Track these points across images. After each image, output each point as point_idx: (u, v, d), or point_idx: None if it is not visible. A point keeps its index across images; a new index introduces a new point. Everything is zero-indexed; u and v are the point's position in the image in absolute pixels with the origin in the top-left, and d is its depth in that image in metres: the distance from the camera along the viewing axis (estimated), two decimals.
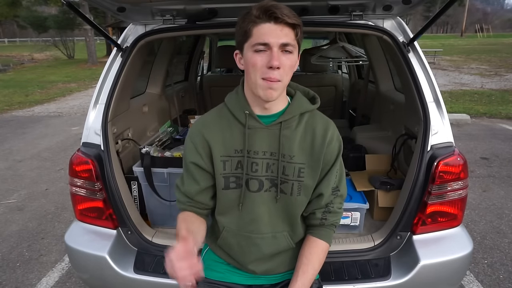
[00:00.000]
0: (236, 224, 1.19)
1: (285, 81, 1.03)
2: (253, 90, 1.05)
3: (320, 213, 1.19)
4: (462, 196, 1.52)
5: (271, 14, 0.97)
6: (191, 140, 1.16)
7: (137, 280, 1.52)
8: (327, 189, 1.16)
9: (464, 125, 6.20)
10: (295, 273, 1.16)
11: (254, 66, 1.01)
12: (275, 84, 1.01)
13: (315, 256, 1.17)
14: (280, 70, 1.00)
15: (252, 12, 0.99)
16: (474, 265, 2.47)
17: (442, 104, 1.57)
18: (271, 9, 0.96)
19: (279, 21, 0.97)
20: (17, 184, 4.05)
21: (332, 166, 1.16)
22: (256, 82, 1.02)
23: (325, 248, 1.20)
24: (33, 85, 12.07)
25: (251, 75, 1.03)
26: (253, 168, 1.13)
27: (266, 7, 0.97)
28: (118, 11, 1.56)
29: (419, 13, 61.89)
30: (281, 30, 0.98)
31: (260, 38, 0.98)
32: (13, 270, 2.53)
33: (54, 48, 22.52)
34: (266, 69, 0.99)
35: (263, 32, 0.98)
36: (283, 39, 0.98)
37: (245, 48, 1.03)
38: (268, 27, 0.98)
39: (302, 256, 1.18)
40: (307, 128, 1.14)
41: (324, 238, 1.20)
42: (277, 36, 0.98)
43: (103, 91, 1.70)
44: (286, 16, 0.97)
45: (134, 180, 1.90)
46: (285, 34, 0.98)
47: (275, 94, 1.03)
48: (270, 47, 0.98)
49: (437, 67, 14.11)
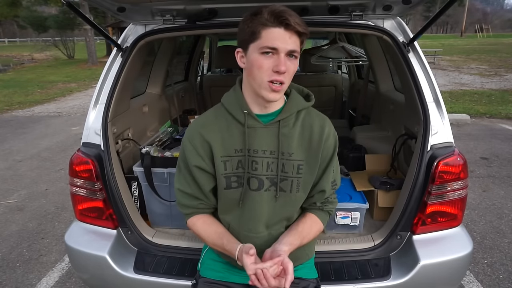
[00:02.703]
0: (237, 222, 1.20)
1: (287, 83, 1.06)
2: (256, 90, 1.07)
3: (320, 203, 1.24)
4: (462, 196, 1.52)
5: (283, 20, 0.98)
6: (190, 142, 1.16)
7: (137, 280, 1.52)
8: (328, 184, 1.21)
9: (464, 125, 6.20)
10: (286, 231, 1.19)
11: (260, 68, 1.02)
12: (279, 87, 1.04)
13: (312, 226, 1.21)
14: (285, 74, 1.02)
15: (263, 15, 0.99)
16: (474, 265, 2.47)
17: (442, 104, 1.57)
18: (284, 15, 0.98)
19: (290, 28, 0.99)
20: (17, 184, 4.05)
21: (329, 162, 1.19)
22: (261, 84, 1.04)
23: (319, 227, 1.24)
24: (33, 85, 12.08)
25: (256, 76, 1.04)
26: (253, 167, 1.14)
27: (279, 12, 0.98)
28: (118, 11, 1.56)
29: (419, 13, 61.91)
30: (290, 37, 1.00)
31: (269, 42, 1.00)
32: (13, 270, 2.53)
33: (54, 48, 22.52)
34: (272, 72, 1.02)
35: (273, 37, 0.99)
36: (291, 46, 1.00)
37: (251, 48, 1.04)
38: (278, 32, 0.99)
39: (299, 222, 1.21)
40: (305, 125, 1.16)
41: (320, 218, 1.24)
42: (286, 42, 1.00)
43: (103, 91, 1.70)
44: (297, 24, 0.99)
45: (134, 180, 1.90)
46: (293, 41, 1.01)
47: (278, 96, 1.07)
48: (278, 52, 1.00)
49: (437, 67, 14.11)
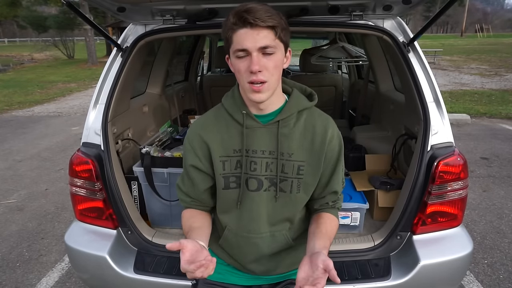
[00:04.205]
0: (236, 224, 1.20)
1: (272, 81, 1.02)
2: (245, 92, 1.07)
3: (331, 202, 1.21)
4: (462, 196, 1.52)
5: (245, 19, 0.95)
6: (189, 143, 1.17)
7: (137, 280, 1.52)
8: (339, 185, 1.20)
9: (464, 125, 6.20)
10: (311, 236, 1.09)
11: (238, 72, 1.02)
12: (261, 87, 1.01)
13: (332, 224, 1.16)
14: (263, 72, 0.99)
15: (229, 19, 0.99)
16: (474, 265, 2.47)
17: (442, 104, 1.56)
18: (244, 15, 0.95)
19: (254, 26, 0.96)
20: (17, 184, 4.05)
21: (337, 163, 1.17)
22: (244, 86, 1.04)
23: (337, 223, 1.19)
24: (33, 85, 12.08)
25: (239, 80, 1.05)
26: (252, 167, 1.13)
27: (240, 13, 0.96)
28: (118, 11, 1.56)
29: (419, 13, 61.94)
30: (258, 34, 0.96)
31: (238, 44, 0.98)
32: (13, 270, 2.53)
33: (54, 48, 22.53)
34: (249, 74, 1.00)
35: (241, 38, 0.97)
36: (261, 43, 0.97)
37: (230, 53, 1.04)
38: (244, 32, 0.97)
39: (319, 224, 1.13)
40: (307, 126, 1.14)
41: (335, 215, 1.20)
42: (254, 40, 0.96)
43: (103, 91, 1.70)
44: (259, 20, 0.95)
45: (134, 180, 1.90)
46: (263, 37, 0.97)
47: (263, 96, 1.03)
48: (249, 52, 0.98)
49: (437, 67, 14.10)
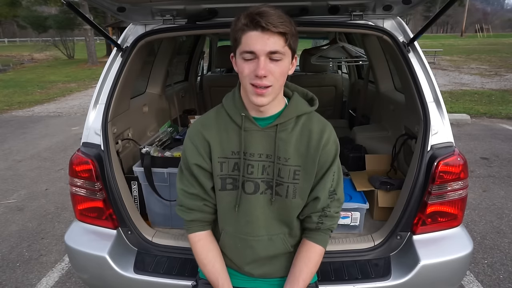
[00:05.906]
0: (233, 226, 1.19)
1: (276, 86, 1.02)
2: (247, 94, 1.06)
3: (317, 217, 1.17)
4: (462, 196, 1.52)
5: (258, 22, 0.94)
6: (191, 141, 1.16)
7: (137, 280, 1.52)
8: (323, 192, 1.15)
9: (464, 125, 6.20)
10: (291, 276, 1.16)
11: (242, 73, 1.02)
12: (264, 91, 1.00)
13: (312, 261, 1.17)
14: (268, 77, 0.99)
15: (241, 20, 0.98)
16: (474, 265, 2.47)
17: (442, 104, 1.56)
18: (256, 18, 0.94)
19: (265, 30, 0.95)
20: (17, 184, 4.05)
21: (328, 169, 1.14)
22: (247, 88, 1.03)
23: (321, 253, 1.20)
24: (33, 85, 12.08)
25: (243, 81, 1.04)
26: (249, 170, 1.13)
27: (254, 15, 0.95)
28: (118, 11, 1.56)
29: (419, 13, 61.87)
30: (268, 39, 0.95)
31: (247, 46, 0.97)
32: (13, 270, 2.53)
33: (54, 48, 22.54)
34: (254, 77, 0.99)
35: (250, 41, 0.97)
36: (270, 47, 0.96)
37: (237, 53, 1.04)
38: (255, 35, 0.96)
39: (299, 261, 1.17)
40: (304, 131, 1.13)
41: (320, 242, 1.19)
42: (264, 44, 0.96)
43: (103, 91, 1.70)
44: (271, 25, 0.94)
45: (134, 180, 1.90)
46: (273, 42, 0.96)
47: (265, 100, 1.03)
48: (257, 56, 0.97)
49: (437, 67, 14.11)
